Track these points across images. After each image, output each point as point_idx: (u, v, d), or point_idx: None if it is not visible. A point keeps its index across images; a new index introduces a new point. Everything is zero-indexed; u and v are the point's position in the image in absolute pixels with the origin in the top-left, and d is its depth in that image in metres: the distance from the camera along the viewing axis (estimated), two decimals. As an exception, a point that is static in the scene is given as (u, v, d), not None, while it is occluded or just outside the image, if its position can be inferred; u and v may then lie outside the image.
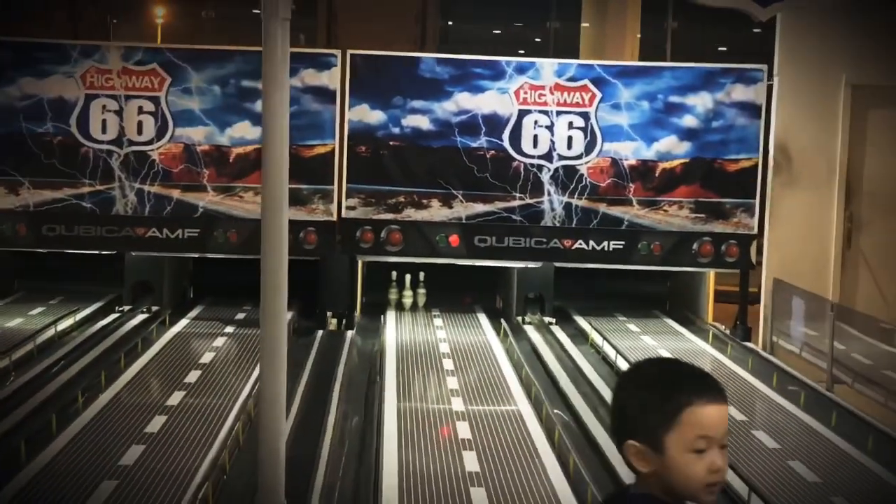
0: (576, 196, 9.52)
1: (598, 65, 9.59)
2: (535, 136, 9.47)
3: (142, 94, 9.32)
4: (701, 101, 9.47)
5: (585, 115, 9.46)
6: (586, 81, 9.45)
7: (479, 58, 9.50)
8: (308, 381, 7.53)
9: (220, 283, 10.38)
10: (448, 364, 8.26)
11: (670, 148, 9.51)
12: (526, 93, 9.44)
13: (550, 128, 9.46)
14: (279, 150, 4.46)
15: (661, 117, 9.48)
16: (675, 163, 9.54)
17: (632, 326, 9.74)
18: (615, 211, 9.54)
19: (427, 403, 7.09)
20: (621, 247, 9.57)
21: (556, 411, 6.90)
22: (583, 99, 9.45)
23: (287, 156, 4.55)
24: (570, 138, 9.49)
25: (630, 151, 9.50)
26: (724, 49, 11.11)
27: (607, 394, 7.49)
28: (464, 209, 9.53)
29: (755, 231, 9.56)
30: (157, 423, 6.39)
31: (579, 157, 9.50)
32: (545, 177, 9.50)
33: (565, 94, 9.45)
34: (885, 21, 9.39)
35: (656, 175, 9.53)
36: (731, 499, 5.38)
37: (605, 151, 9.51)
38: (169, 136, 9.35)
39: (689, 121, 9.49)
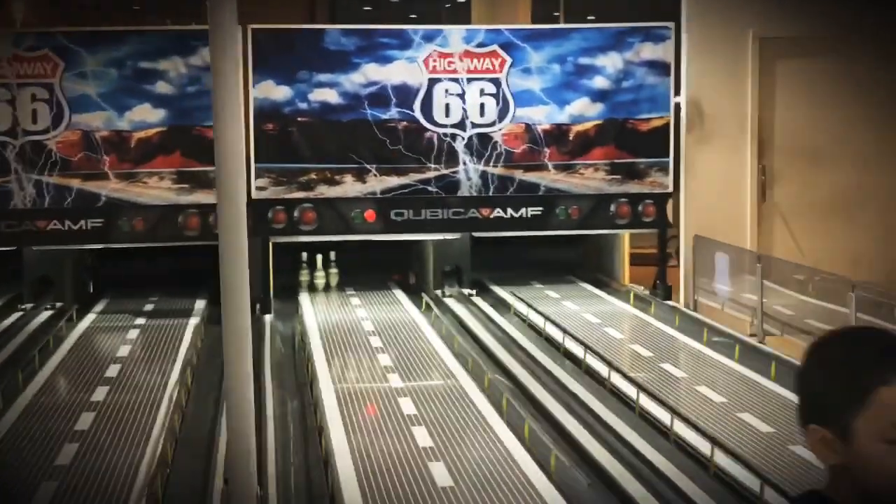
0: (491, 164, 9.45)
1: (507, 29, 9.51)
2: (447, 105, 9.37)
3: (35, 82, 8.96)
4: (611, 62, 9.47)
5: (496, 81, 9.38)
6: (495, 47, 9.37)
7: (385, 27, 9.36)
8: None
9: (122, 275, 10.07)
10: (376, 341, 8.13)
11: (583, 110, 9.49)
12: (435, 61, 9.33)
13: (462, 96, 9.37)
14: (232, 136, 4.22)
15: (571, 80, 9.46)
16: (589, 125, 9.53)
17: (550, 293, 9.73)
18: (531, 177, 9.50)
19: (364, 383, 6.95)
20: (539, 213, 9.55)
21: (496, 377, 6.85)
22: (493, 65, 9.37)
23: (243, 141, 4.31)
24: (482, 105, 9.40)
25: (543, 116, 9.47)
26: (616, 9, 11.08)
27: (544, 359, 7.48)
28: (378, 183, 9.39)
29: (670, 189, 9.62)
30: (86, 420, 6.15)
31: (492, 124, 9.43)
32: (459, 146, 9.41)
33: (475, 60, 9.35)
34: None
35: (570, 139, 9.51)
36: (694, 457, 5.37)
37: (518, 117, 9.45)
38: (65, 123, 9.00)
39: (599, 82, 9.48)
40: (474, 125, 9.41)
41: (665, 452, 5.43)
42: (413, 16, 12.15)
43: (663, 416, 5.84)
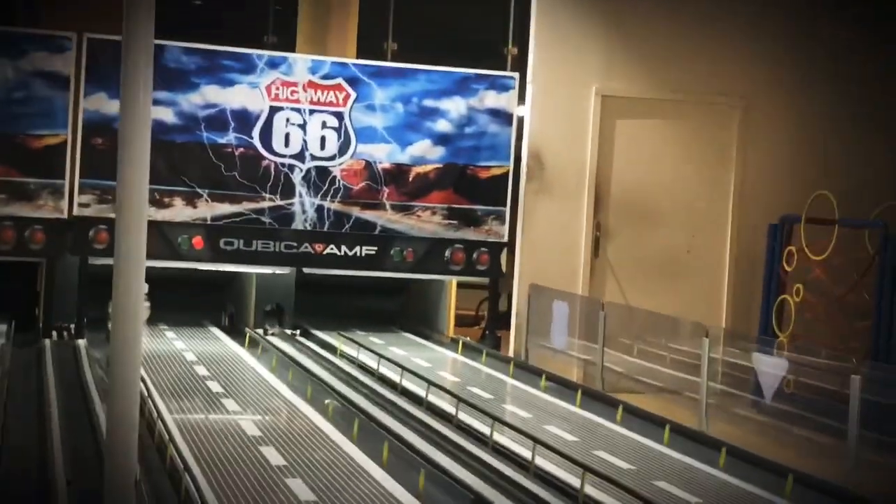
0: (328, 199, 9.34)
1: (353, 63, 9.49)
2: (287, 135, 9.25)
3: None
4: (455, 106, 9.56)
5: (339, 115, 9.33)
6: (340, 80, 9.34)
7: (229, 49, 9.19)
8: (59, 394, 6.89)
9: None
10: (202, 370, 7.87)
11: (424, 152, 9.52)
12: (278, 89, 9.21)
13: (303, 126, 9.26)
14: (139, 144, 4.01)
15: (415, 121, 9.49)
16: (429, 167, 9.56)
17: (375, 339, 9.64)
18: (368, 215, 9.45)
19: (207, 413, 6.65)
20: (374, 252, 9.48)
21: (338, 403, 6.73)
22: (337, 98, 9.32)
23: (147, 150, 4.09)
24: (323, 138, 9.32)
25: (384, 154, 9.45)
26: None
27: (385, 391, 7.37)
28: (209, 209, 9.15)
29: (505, 239, 9.72)
30: None
31: (332, 158, 9.35)
32: (297, 177, 9.28)
33: (319, 92, 9.29)
34: (632, 33, 9.82)
35: (410, 179, 9.51)
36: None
37: (359, 153, 9.40)
38: None
39: (443, 125, 9.54)
40: (314, 157, 9.31)
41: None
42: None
43: (523, 451, 5.80)
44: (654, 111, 9.88)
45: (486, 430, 6.15)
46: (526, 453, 5.68)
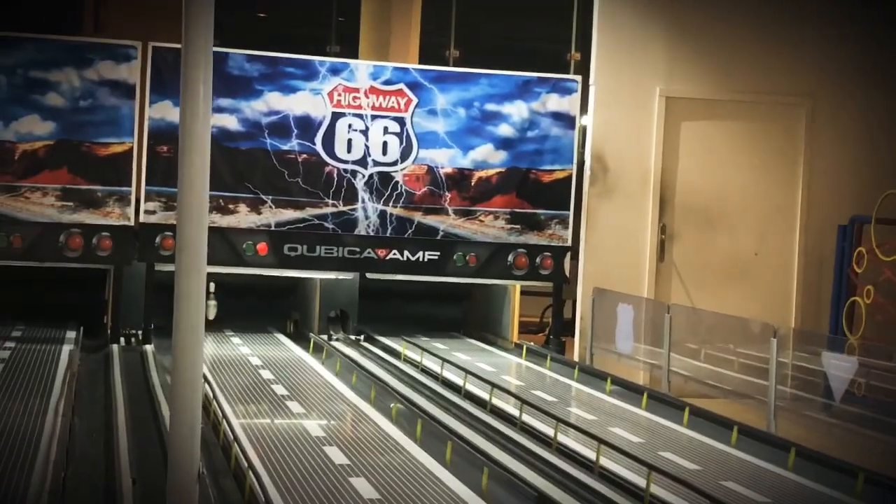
0: (391, 204, 9.36)
1: (414, 69, 9.51)
2: (350, 141, 9.28)
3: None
4: (517, 110, 9.54)
5: (401, 121, 9.35)
6: (402, 86, 9.36)
7: (291, 56, 9.25)
8: (126, 398, 6.95)
9: None
10: (267, 374, 7.91)
11: (486, 157, 9.51)
12: (340, 95, 9.25)
13: (365, 132, 9.30)
14: (200, 153, 4.04)
15: (477, 125, 9.49)
16: (491, 172, 9.55)
17: (438, 344, 9.63)
18: (431, 220, 9.45)
19: (263, 417, 6.67)
20: (436, 257, 9.48)
21: (403, 406, 6.73)
22: (398, 103, 9.34)
23: (207, 156, 4.12)
24: (385, 144, 9.35)
25: (446, 159, 9.45)
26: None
27: (449, 394, 7.36)
28: (273, 215, 9.20)
29: (569, 243, 9.68)
30: None
31: (395, 163, 9.37)
32: (359, 183, 9.31)
33: (380, 97, 9.32)
34: (694, 35, 9.76)
35: (472, 184, 9.51)
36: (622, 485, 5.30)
37: (420, 158, 9.41)
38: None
39: (505, 129, 9.53)
40: (376, 163, 9.34)
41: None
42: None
43: (587, 452, 5.76)
44: (718, 112, 9.80)
45: (550, 431, 6.12)
46: (590, 454, 5.63)
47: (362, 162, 9.32)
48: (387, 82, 9.35)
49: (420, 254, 9.46)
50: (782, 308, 9.79)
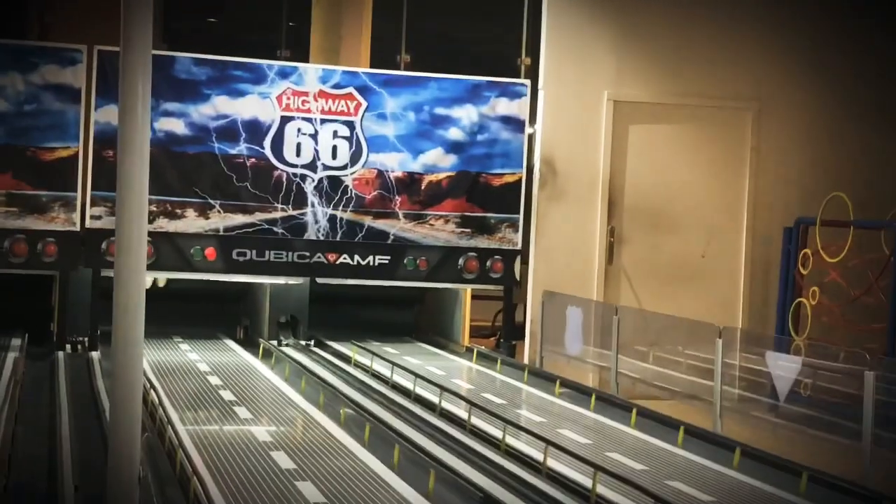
0: (341, 208, 9.34)
1: (364, 72, 9.49)
2: (299, 145, 9.25)
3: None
4: (466, 114, 9.54)
5: (351, 125, 9.32)
6: (351, 89, 9.33)
7: (239, 60, 9.20)
8: (71, 404, 6.88)
9: None
10: (215, 380, 7.86)
11: (436, 161, 9.51)
12: (289, 98, 9.21)
13: (315, 136, 9.27)
14: (138, 155, 4.01)
15: (427, 129, 9.48)
16: (441, 176, 9.54)
17: (389, 349, 9.61)
18: (381, 224, 9.43)
19: (221, 424, 6.62)
20: (387, 262, 9.46)
21: (351, 410, 6.70)
22: (348, 107, 9.32)
23: (146, 162, 4.08)
24: (334, 147, 9.32)
25: (396, 163, 9.44)
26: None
27: (398, 398, 7.34)
28: (222, 220, 9.14)
29: (519, 246, 9.69)
30: None
31: (344, 167, 9.35)
32: (309, 187, 9.28)
33: (330, 101, 9.29)
34: (643, 39, 9.81)
35: (423, 188, 9.50)
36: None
37: (370, 163, 9.40)
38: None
39: (455, 133, 9.53)
40: (325, 167, 9.31)
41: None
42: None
43: (535, 453, 5.76)
44: (666, 116, 9.86)
45: (498, 433, 6.12)
46: (538, 455, 5.64)
47: (312, 166, 9.29)
48: (336, 86, 9.32)
49: (371, 258, 9.43)
50: (730, 309, 9.86)
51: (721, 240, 9.93)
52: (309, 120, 9.26)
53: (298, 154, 9.25)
